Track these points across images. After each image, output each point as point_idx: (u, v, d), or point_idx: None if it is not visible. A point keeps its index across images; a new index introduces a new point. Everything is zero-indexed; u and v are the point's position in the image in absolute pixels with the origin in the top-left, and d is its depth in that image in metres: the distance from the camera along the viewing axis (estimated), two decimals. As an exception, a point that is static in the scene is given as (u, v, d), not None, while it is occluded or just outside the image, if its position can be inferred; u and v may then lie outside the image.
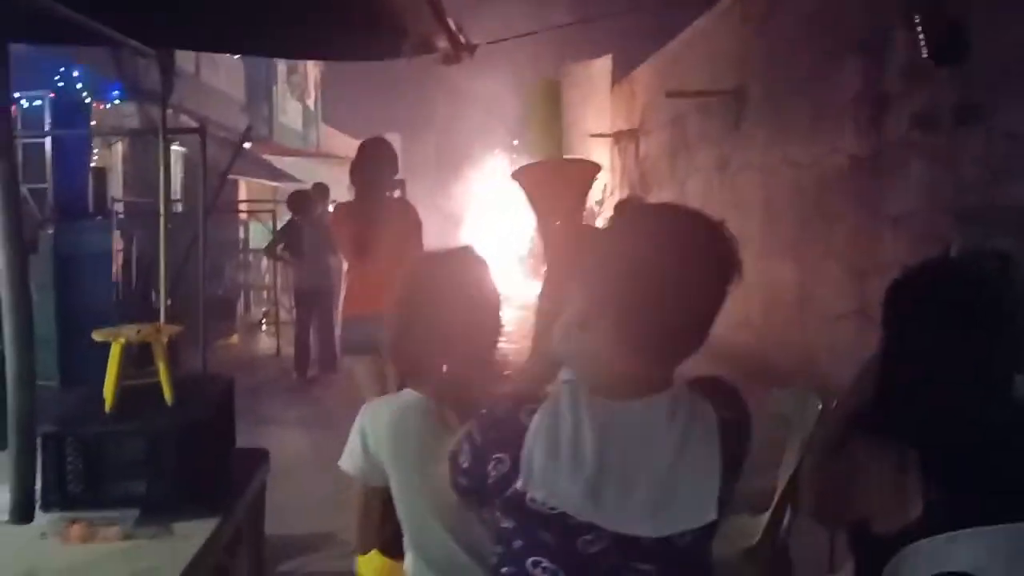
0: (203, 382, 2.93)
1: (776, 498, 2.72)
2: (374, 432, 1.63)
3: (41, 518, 2.15)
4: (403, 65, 4.41)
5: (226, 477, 2.64)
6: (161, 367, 2.57)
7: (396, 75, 15.29)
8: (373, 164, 4.26)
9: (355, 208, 4.32)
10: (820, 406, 2.78)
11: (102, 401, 2.55)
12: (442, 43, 3.40)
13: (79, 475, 2.34)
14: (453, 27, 3.18)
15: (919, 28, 3.87)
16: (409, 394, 1.67)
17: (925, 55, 3.85)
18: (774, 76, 7.79)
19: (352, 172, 4.35)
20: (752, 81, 8.40)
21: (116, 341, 2.57)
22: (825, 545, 2.57)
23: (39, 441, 2.33)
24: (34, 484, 2.29)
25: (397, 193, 4.50)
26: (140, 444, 2.37)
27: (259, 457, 2.98)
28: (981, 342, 1.66)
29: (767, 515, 2.75)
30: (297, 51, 6.77)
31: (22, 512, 2.00)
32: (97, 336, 2.63)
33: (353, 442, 1.66)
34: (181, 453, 2.39)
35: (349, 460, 1.68)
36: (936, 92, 4.85)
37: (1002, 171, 4.37)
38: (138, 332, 2.71)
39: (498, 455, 1.26)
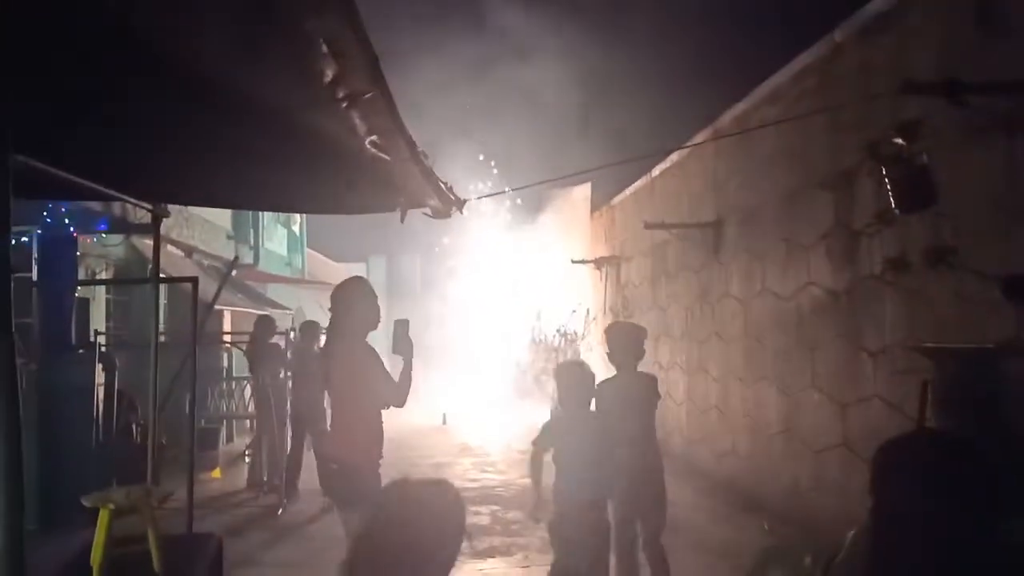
0: (191, 545, 2.88)
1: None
2: None
3: None
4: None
5: (213, 649, 2.58)
6: (150, 535, 2.54)
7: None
8: (340, 306, 4.19)
9: (327, 351, 4.31)
10: (809, 561, 2.78)
11: (87, 566, 2.51)
12: (432, 201, 3.54)
13: (63, 653, 2.28)
14: (444, 188, 3.33)
15: (885, 179, 4.08)
16: None
17: (892, 205, 4.04)
18: (749, 209, 8.08)
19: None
20: (728, 213, 8.70)
21: (105, 507, 2.56)
22: None
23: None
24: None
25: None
26: (128, 619, 2.33)
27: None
28: (969, 510, 1.71)
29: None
30: (299, 206, 6.99)
31: None
32: (87, 502, 2.61)
33: None
34: (169, 627, 2.34)
35: None
36: (905, 234, 5.05)
37: (974, 310, 4.51)
38: (127, 496, 2.70)
39: None
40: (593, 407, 4.33)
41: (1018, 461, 3.66)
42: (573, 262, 15.08)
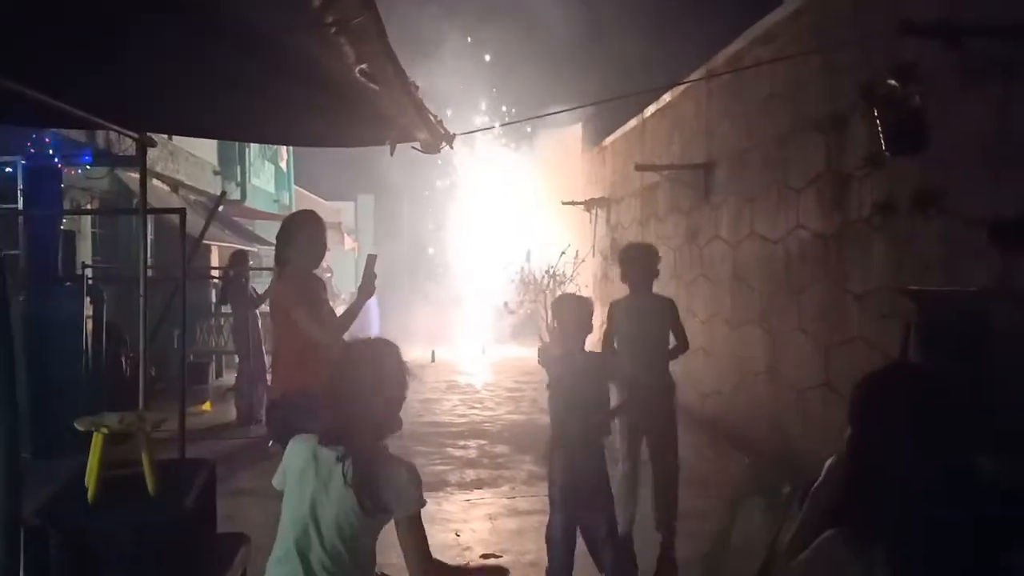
0: (184, 469, 2.93)
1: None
2: (287, 455, 2.34)
3: (23, 617, 2.13)
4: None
5: (208, 567, 2.64)
6: (145, 458, 2.58)
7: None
8: (284, 239, 4.05)
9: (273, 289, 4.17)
10: (788, 490, 2.87)
11: (83, 487, 2.55)
12: (422, 135, 3.51)
13: (62, 569, 2.34)
14: (435, 121, 3.29)
15: (877, 121, 4.07)
16: (309, 436, 2.33)
17: (883, 147, 4.04)
18: (740, 151, 8.05)
19: None
20: (719, 155, 8.67)
21: (99, 432, 2.59)
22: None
23: (22, 534, 2.33)
24: (17, 577, 2.28)
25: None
26: (124, 538, 2.38)
27: (239, 543, 2.98)
28: (942, 441, 1.77)
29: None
30: (286, 137, 6.92)
31: (5, 612, 1.99)
32: (80, 425, 2.64)
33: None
34: (165, 545, 2.40)
35: (276, 477, 2.37)
36: (895, 178, 5.07)
37: (960, 254, 4.56)
38: (121, 421, 2.73)
39: None
40: (595, 334, 4.36)
41: (997, 403, 3.74)
42: (563, 203, 15.04)
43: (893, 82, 3.92)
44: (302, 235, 4.03)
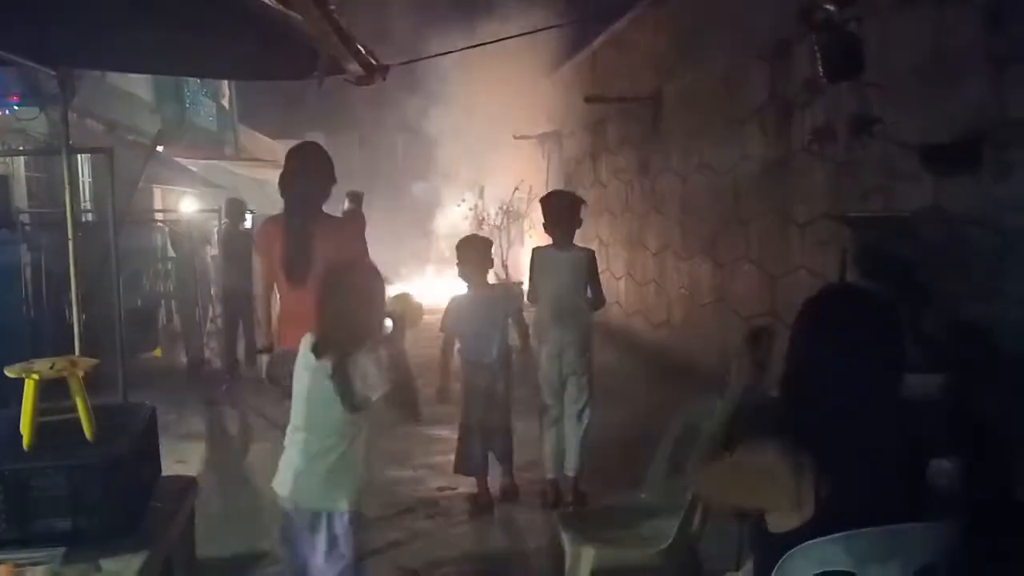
0: (124, 413, 2.91)
1: (687, 500, 2.88)
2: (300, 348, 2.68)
3: (-38, 562, 2.12)
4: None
5: (153, 509, 2.65)
6: (79, 402, 2.55)
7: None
8: (299, 175, 3.61)
9: (283, 227, 3.68)
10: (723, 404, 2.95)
11: (21, 435, 2.53)
12: (353, 66, 3.40)
13: (1, 514, 2.32)
14: (363, 52, 3.19)
15: (815, 47, 4.08)
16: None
17: (821, 73, 4.07)
18: (688, 82, 8.03)
19: (280, 184, 3.70)
20: (668, 86, 8.63)
21: (30, 377, 2.54)
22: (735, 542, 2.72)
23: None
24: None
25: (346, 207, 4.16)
26: (62, 480, 2.36)
27: (186, 485, 2.98)
28: (867, 358, 1.83)
29: (680, 516, 2.90)
30: (206, 71, 6.64)
31: (-58, 558, 1.98)
32: (10, 372, 2.59)
33: None
34: (104, 488, 2.39)
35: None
36: (833, 104, 5.10)
37: (896, 180, 4.64)
38: (52, 367, 2.67)
39: None
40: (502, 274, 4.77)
41: (929, 321, 3.86)
42: (515, 138, 14.88)
43: (830, 7, 3.93)
44: (318, 168, 3.67)
